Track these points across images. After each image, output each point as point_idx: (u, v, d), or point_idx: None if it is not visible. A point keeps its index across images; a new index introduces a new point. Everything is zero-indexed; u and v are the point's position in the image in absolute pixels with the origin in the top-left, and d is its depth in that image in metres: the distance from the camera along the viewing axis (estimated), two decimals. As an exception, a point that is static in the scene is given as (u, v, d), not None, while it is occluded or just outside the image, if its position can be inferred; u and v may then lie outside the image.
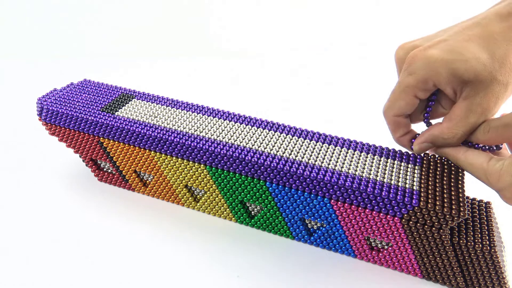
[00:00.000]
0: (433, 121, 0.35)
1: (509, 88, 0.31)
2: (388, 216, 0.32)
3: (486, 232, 0.33)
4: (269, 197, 0.36)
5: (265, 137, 0.38)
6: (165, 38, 0.93)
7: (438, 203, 0.31)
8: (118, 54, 0.86)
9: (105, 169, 0.44)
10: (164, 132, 0.38)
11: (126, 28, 0.94)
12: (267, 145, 0.37)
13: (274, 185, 0.35)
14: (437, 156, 0.36)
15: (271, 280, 0.35)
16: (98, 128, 0.39)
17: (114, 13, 0.95)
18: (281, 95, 0.66)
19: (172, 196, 0.42)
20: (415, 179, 0.33)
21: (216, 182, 0.38)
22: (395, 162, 0.36)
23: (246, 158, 0.35)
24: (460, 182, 0.33)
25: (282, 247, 0.38)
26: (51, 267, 0.35)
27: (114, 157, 0.41)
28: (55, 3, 0.92)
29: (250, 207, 0.40)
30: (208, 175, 0.38)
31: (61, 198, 0.43)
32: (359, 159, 0.36)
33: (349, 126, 0.57)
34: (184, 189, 0.40)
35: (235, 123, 0.40)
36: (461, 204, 0.31)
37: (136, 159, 0.40)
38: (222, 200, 0.39)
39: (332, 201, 0.33)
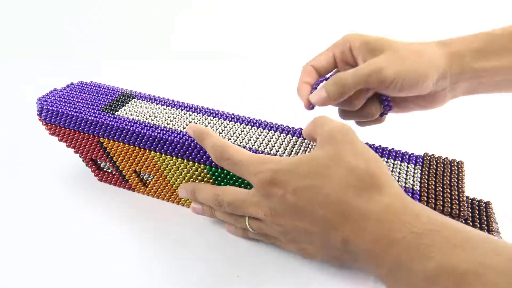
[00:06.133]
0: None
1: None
2: (388, 216, 0.32)
3: (486, 232, 0.33)
4: (269, 197, 0.36)
5: (265, 137, 0.38)
6: (165, 38, 0.93)
7: (438, 203, 0.31)
8: (118, 54, 0.86)
9: (105, 169, 0.44)
10: (164, 132, 0.38)
11: (126, 28, 0.94)
12: (267, 145, 0.37)
13: (274, 185, 0.35)
14: (437, 156, 0.36)
15: (271, 280, 0.35)
16: (98, 128, 0.39)
17: (114, 13, 0.96)
18: (281, 95, 0.66)
19: (172, 196, 0.42)
20: (415, 179, 0.33)
21: (216, 182, 0.38)
22: (395, 162, 0.36)
23: (246, 158, 0.35)
24: (460, 182, 0.33)
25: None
26: (51, 267, 0.35)
27: (114, 157, 0.41)
28: (55, 3, 0.93)
29: (250, 207, 0.40)
30: (208, 175, 0.38)
31: (61, 198, 0.43)
32: (359, 159, 0.35)
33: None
34: (184, 189, 0.40)
35: (235, 123, 0.40)
36: (461, 204, 0.31)
37: (136, 159, 0.40)
38: (222, 200, 0.39)
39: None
